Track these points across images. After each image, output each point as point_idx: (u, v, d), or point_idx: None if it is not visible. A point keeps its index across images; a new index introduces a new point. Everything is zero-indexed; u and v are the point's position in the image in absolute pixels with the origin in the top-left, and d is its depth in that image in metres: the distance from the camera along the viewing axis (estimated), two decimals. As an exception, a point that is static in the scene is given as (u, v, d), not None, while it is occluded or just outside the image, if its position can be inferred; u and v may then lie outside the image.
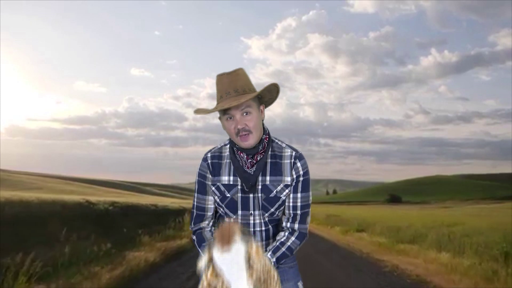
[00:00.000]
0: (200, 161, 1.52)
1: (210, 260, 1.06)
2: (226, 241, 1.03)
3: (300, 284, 1.51)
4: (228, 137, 1.49)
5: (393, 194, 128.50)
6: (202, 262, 1.08)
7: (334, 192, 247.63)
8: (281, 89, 1.43)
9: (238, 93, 1.34)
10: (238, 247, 1.03)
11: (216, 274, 1.07)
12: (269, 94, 1.44)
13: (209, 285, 1.08)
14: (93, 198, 12.75)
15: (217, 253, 1.04)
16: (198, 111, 1.41)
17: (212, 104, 1.41)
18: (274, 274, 1.12)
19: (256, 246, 1.08)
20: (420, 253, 7.58)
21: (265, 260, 1.10)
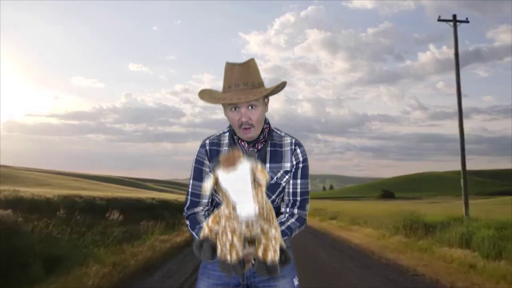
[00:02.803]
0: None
1: (216, 180, 1.05)
2: (231, 161, 1.03)
3: (295, 280, 1.51)
4: (225, 126, 1.52)
5: (386, 190, 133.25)
6: (208, 184, 1.06)
7: (331, 187, 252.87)
8: (279, 85, 1.36)
9: (247, 87, 1.35)
10: (243, 165, 1.03)
11: (217, 221, 1.09)
12: (276, 90, 1.45)
13: (210, 230, 1.10)
14: (139, 195, 17.54)
15: (222, 172, 1.03)
16: (203, 96, 1.42)
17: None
18: (274, 215, 1.13)
19: (261, 165, 1.07)
20: (359, 230, 12.40)
21: (267, 200, 1.10)
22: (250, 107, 1.37)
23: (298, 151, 1.47)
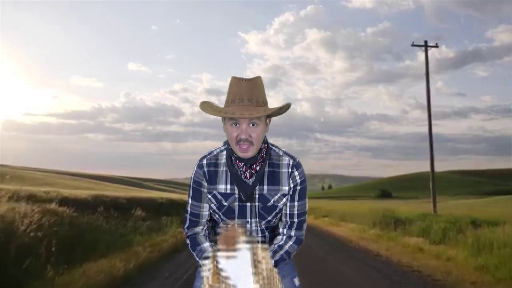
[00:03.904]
0: (195, 159, 1.49)
1: (216, 266, 1.06)
2: (231, 246, 1.03)
3: (296, 280, 1.53)
4: (222, 143, 1.51)
5: (384, 189, 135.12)
6: (206, 268, 1.07)
7: (329, 187, 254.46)
8: (278, 84, 1.83)
9: (252, 103, 1.34)
10: (244, 251, 1.03)
11: (218, 277, 1.09)
12: (278, 111, 1.44)
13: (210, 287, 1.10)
14: (147, 195, 19.40)
15: (222, 259, 1.04)
16: (204, 108, 1.40)
17: (210, 99, 1.97)
18: (276, 273, 1.13)
19: (261, 247, 1.09)
20: (345, 225, 14.27)
21: (268, 260, 1.10)
22: (251, 124, 1.36)
23: (296, 173, 1.45)
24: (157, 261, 6.16)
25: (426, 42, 13.13)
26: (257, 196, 1.43)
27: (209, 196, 1.46)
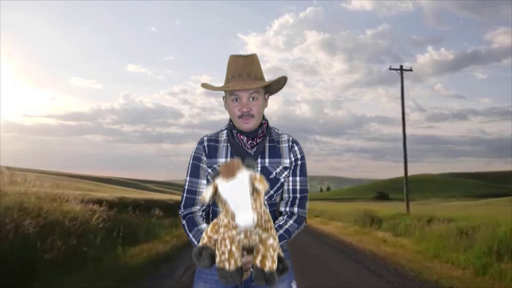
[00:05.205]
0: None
1: (215, 190, 1.07)
2: (231, 171, 1.05)
3: (293, 284, 1.51)
4: (224, 125, 1.56)
5: (381, 191, 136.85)
6: (207, 193, 1.07)
7: (328, 189, 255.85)
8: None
9: (250, 78, 1.41)
10: (243, 174, 1.05)
11: (216, 229, 1.13)
12: (276, 85, 1.52)
13: (209, 239, 1.15)
14: (159, 196, 21.53)
15: (222, 182, 1.05)
16: (205, 85, 1.48)
17: (210, 100, 2.40)
18: (270, 217, 1.14)
19: (260, 175, 1.09)
20: (333, 223, 16.42)
21: (265, 184, 1.09)
22: (251, 98, 1.42)
23: (296, 148, 1.50)
24: (183, 246, 8.28)
25: (401, 66, 15.17)
26: (258, 169, 1.45)
27: (209, 170, 1.48)
